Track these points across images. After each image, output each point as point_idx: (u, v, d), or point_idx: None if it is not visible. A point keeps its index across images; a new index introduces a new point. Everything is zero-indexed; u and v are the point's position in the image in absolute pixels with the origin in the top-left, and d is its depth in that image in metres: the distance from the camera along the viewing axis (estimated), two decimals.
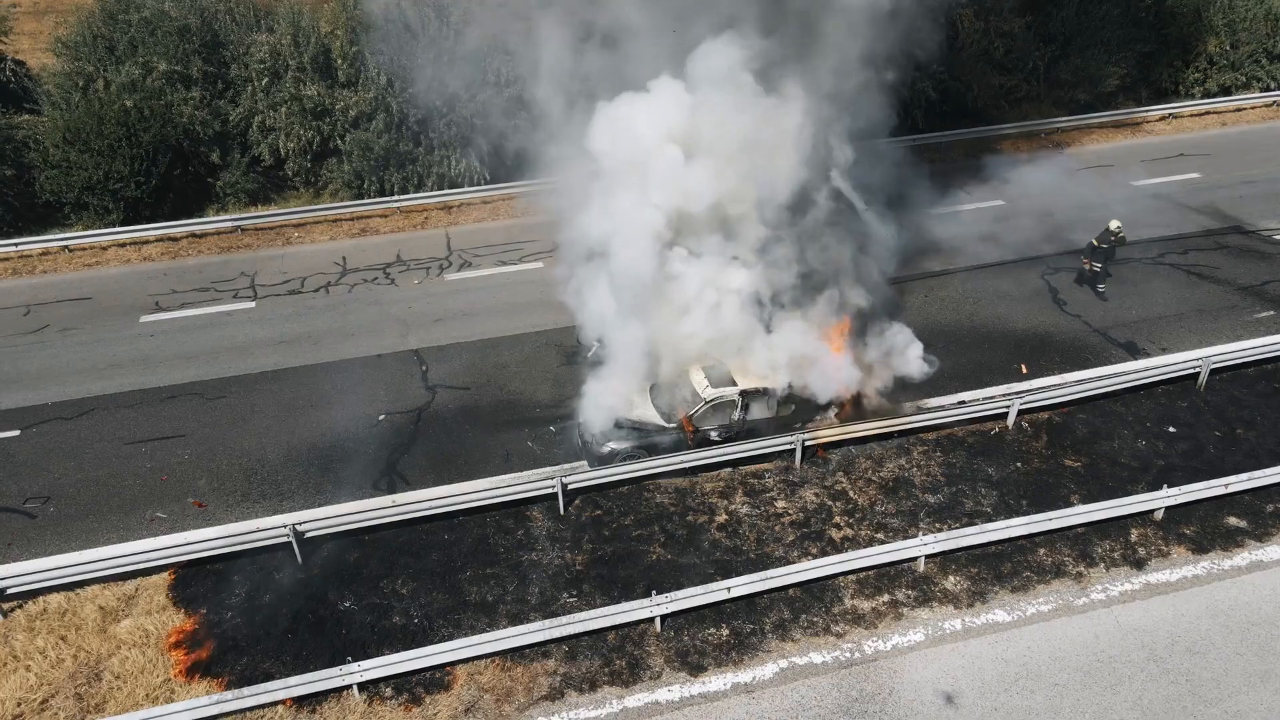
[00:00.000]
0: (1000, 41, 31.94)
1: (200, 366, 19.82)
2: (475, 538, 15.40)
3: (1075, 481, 16.35)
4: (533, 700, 12.87)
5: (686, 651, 13.52)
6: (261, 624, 13.95)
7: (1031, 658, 13.37)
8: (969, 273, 22.57)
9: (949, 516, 15.63)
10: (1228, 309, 20.97)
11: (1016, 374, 18.97)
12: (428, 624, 13.91)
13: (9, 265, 23.91)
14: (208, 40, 27.27)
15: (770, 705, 12.79)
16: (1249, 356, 18.60)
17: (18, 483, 16.74)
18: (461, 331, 20.81)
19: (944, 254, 23.22)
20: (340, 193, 26.89)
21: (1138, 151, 29.25)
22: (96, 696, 12.88)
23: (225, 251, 24.52)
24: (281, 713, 12.67)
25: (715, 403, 16.46)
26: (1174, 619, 13.89)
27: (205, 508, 16.15)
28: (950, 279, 22.37)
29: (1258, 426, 17.51)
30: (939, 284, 22.18)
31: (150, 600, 14.31)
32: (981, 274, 22.50)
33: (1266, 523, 15.44)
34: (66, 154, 24.64)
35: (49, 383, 19.35)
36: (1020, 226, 24.21)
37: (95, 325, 21.37)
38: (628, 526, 15.59)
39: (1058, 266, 22.74)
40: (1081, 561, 14.84)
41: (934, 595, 14.33)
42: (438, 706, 12.78)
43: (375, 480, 16.69)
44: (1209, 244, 23.72)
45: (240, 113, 26.83)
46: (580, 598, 14.33)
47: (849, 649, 13.55)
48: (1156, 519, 15.49)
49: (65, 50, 27.06)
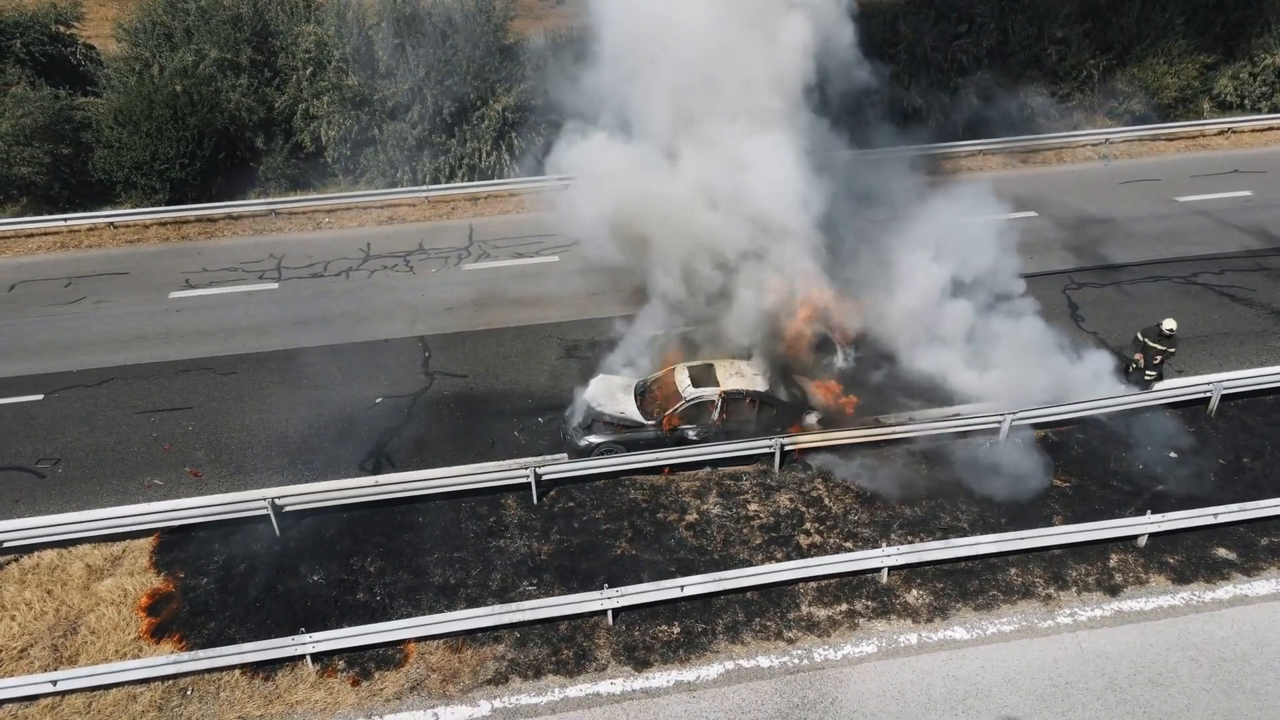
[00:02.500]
0: (1054, 49, 31.10)
1: (218, 343, 20.62)
2: (448, 521, 15.74)
3: (1061, 502, 15.91)
4: (477, 683, 13.14)
5: (635, 646, 13.62)
6: (233, 591, 14.51)
7: (984, 678, 13.10)
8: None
9: (922, 530, 15.38)
10: (1256, 333, 20.09)
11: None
12: (388, 602, 14.29)
13: (59, 239, 25.20)
14: (258, 30, 28.32)
15: (710, 705, 12.81)
16: (1266, 384, 17.81)
17: (33, 444, 17.69)
18: (469, 321, 21.22)
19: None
20: (376, 181, 27.62)
21: (1189, 166, 28.13)
22: (71, 649, 13.59)
23: (258, 234, 25.41)
24: (237, 677, 13.19)
25: (695, 402, 16.49)
26: (1141, 649, 13.45)
27: (200, 477, 16.85)
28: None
29: (1265, 457, 16.77)
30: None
31: (134, 562, 15.02)
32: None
33: (1257, 556, 14.81)
34: (117, 134, 25.85)
35: (77, 351, 20.37)
36: (1049, 240, 23.56)
37: (127, 299, 22.40)
38: (598, 520, 15.74)
39: (1081, 282, 22.07)
40: (1053, 584, 14.46)
41: (894, 608, 14.14)
42: (385, 682, 13.15)
43: (362, 461, 17.17)
44: (1249, 265, 22.73)
45: (285, 100, 27.78)
46: (540, 586, 14.54)
47: (799, 655, 13.48)
48: (1140, 545, 14.99)
49: (126, 36, 28.40)
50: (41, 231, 25.28)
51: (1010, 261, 19.97)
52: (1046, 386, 17.56)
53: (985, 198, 22.16)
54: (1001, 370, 17.89)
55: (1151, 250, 23.35)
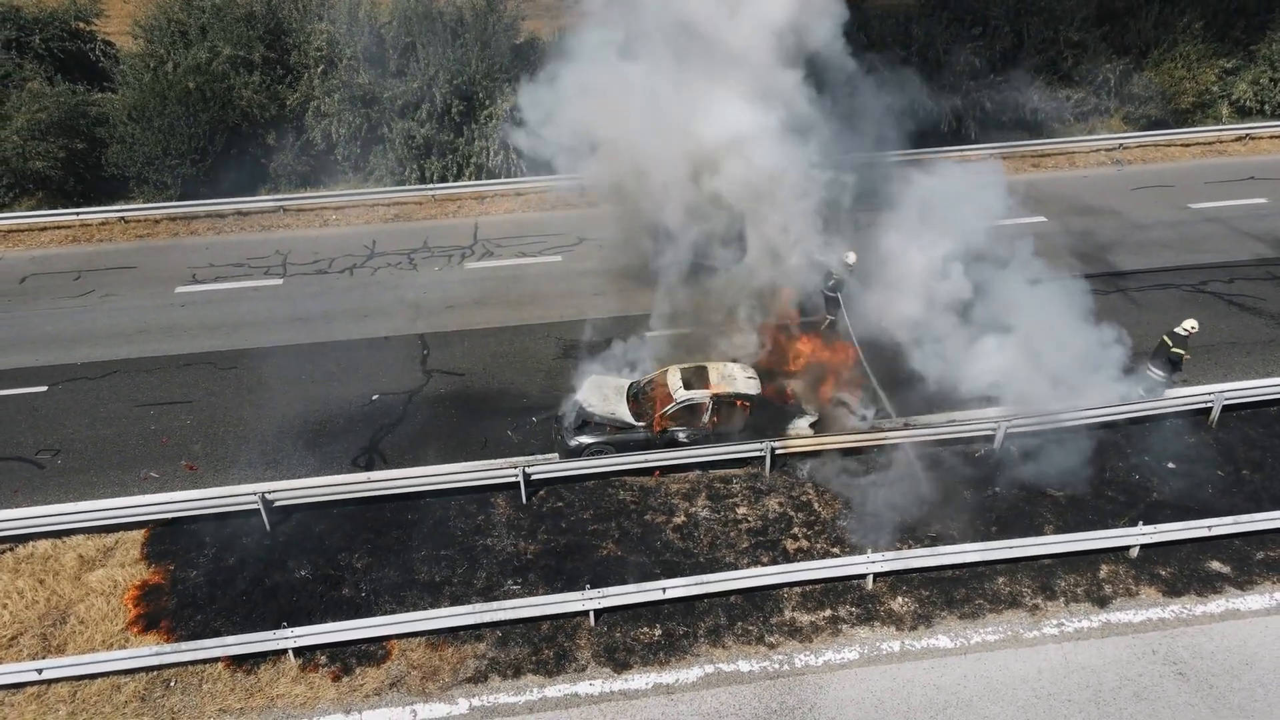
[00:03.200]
0: (1070, 52, 30.79)
1: (220, 337, 20.83)
2: (437, 519, 15.80)
3: (1054, 511, 15.74)
4: (457, 681, 13.18)
5: (615, 648, 13.61)
6: (221, 584, 14.65)
7: (965, 687, 12.99)
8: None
9: (912, 537, 15.26)
10: (1263, 343, 19.78)
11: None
12: (373, 598, 14.37)
13: (70, 233, 25.53)
14: (271, 27, 28.55)
15: (687, 708, 12.79)
16: (1269, 395, 17.53)
17: (35, 435, 17.95)
18: (469, 319, 21.30)
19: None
20: (384, 179, 27.76)
21: (1205, 172, 27.75)
22: (59, 638, 13.78)
23: (266, 230, 25.64)
24: (220, 670, 13.31)
25: (686, 404, 16.46)
26: (1127, 661, 13.28)
27: (196, 471, 17.02)
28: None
29: (1266, 469, 16.50)
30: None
31: (126, 553, 15.19)
32: None
33: (1252, 570, 14.58)
34: (131, 130, 26.16)
35: (83, 344, 20.65)
36: (1055, 245, 23.27)
37: (135, 293, 22.68)
38: (585, 520, 15.75)
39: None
40: (1041, 594, 14.30)
41: (878, 615, 14.05)
42: (365, 678, 13.22)
43: (355, 457, 17.28)
44: (1260, 273, 22.38)
45: (297, 98, 28.00)
46: (524, 585, 14.57)
47: (779, 660, 13.42)
48: (1132, 557, 14.80)
49: (142, 33, 28.73)
50: (54, 225, 25.63)
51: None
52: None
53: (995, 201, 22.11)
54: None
55: (1160, 257, 23.06)
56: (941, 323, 18.51)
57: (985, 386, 17.60)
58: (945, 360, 18.03)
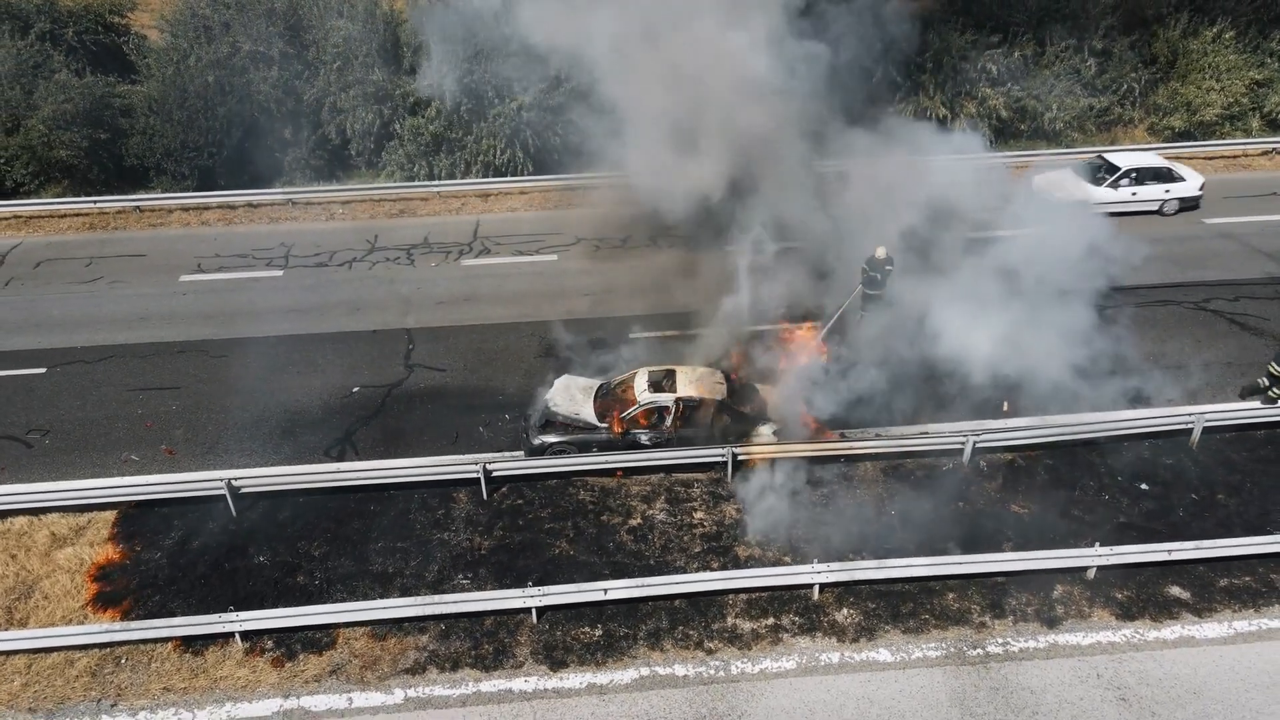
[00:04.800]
0: (1093, 60, 30.12)
1: (215, 326, 21.36)
2: (399, 511, 16.06)
3: (1016, 528, 15.49)
4: (395, 671, 13.40)
5: (554, 646, 13.73)
6: (182, 567, 15.06)
7: (899, 703, 12.86)
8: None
9: (865, 548, 15.13)
10: (1260, 365, 19.14)
11: (997, 411, 18.04)
12: (325, 586, 14.67)
13: (88, 220, 26.36)
14: (291, 24, 29.14)
15: (618, 709, 12.86)
16: (1251, 418, 17.05)
17: (28, 415, 18.60)
18: (457, 315, 21.57)
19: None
20: (395, 175, 28.19)
21: (1225, 187, 26.96)
22: (23, 612, 14.29)
23: (274, 222, 26.20)
24: (169, 651, 13.70)
25: (649, 407, 16.50)
26: (1068, 684, 13.04)
27: (174, 455, 17.50)
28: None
29: (1243, 494, 16.05)
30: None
31: (96, 533, 15.68)
32: None
33: (1213, 598, 14.21)
34: (151, 122, 26.92)
35: (85, 328, 21.32)
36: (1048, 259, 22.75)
37: (140, 280, 23.35)
38: (543, 519, 15.89)
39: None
40: (989, 611, 14.10)
41: (821, 625, 13.96)
42: (308, 664, 13.51)
43: (329, 448, 17.62)
44: (1268, 293, 21.73)
45: (314, 93, 28.55)
46: (474, 581, 14.76)
47: (715, 666, 13.42)
48: (1089, 578, 14.51)
49: (167, 27, 29.55)
50: (74, 212, 26.49)
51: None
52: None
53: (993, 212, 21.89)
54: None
55: (1165, 273, 22.48)
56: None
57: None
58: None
